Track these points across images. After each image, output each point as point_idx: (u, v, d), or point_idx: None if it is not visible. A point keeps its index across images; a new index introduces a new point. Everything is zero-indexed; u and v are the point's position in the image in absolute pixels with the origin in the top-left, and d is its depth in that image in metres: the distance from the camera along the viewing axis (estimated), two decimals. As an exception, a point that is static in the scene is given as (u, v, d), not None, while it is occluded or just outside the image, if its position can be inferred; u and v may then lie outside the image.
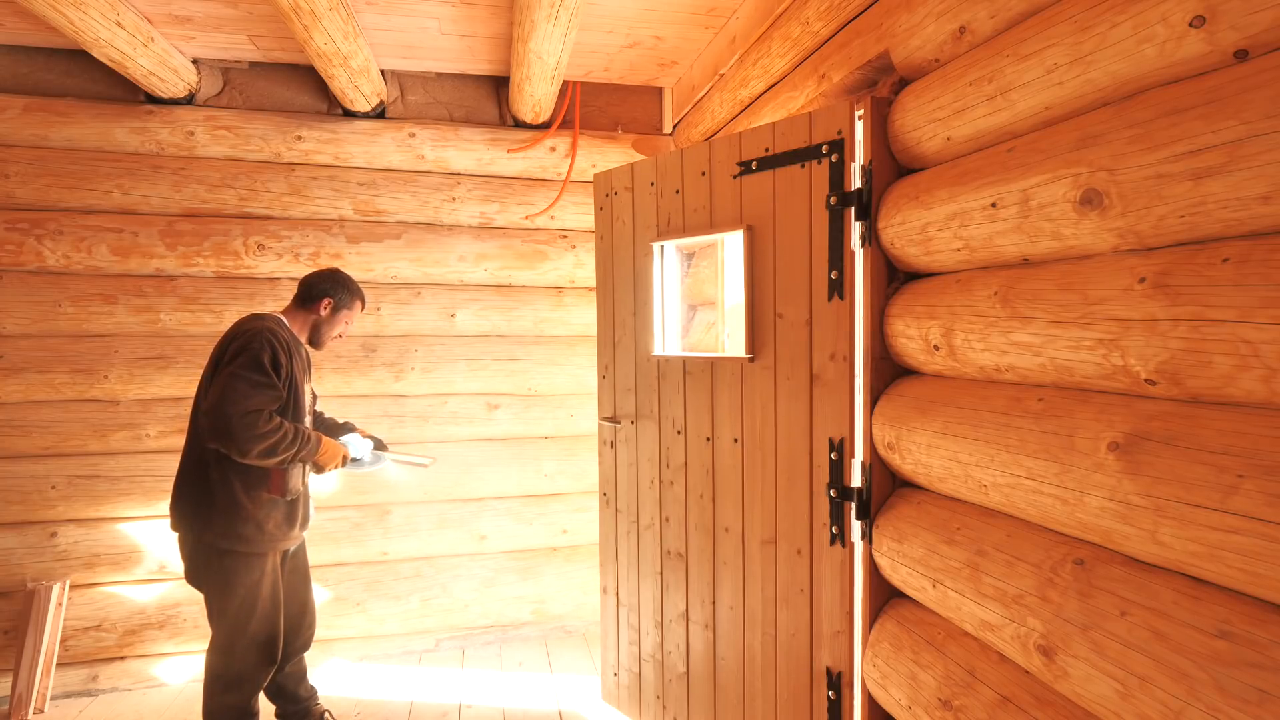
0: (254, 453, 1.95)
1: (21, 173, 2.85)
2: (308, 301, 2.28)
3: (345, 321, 2.35)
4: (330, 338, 2.34)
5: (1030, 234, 1.24)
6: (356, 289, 2.37)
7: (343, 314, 2.33)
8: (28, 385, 2.88)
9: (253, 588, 2.10)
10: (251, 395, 1.95)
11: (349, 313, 2.35)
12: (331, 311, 2.30)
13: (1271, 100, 0.85)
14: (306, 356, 2.32)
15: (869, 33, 1.77)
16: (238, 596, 2.08)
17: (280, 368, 2.05)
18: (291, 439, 2.04)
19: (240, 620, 2.09)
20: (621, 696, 2.66)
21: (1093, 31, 1.09)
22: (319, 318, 2.30)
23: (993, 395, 1.37)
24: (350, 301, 2.34)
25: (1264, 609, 0.87)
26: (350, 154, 3.14)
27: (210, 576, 2.09)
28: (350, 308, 2.34)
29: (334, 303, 2.29)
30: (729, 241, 2.92)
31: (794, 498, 1.96)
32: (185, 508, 2.09)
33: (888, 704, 1.65)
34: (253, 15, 2.60)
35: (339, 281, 2.32)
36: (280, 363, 2.05)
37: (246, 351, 2.00)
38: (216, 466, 2.05)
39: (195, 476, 2.08)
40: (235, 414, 1.91)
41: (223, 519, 2.04)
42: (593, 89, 3.42)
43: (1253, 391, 0.89)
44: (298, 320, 2.29)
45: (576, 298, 3.42)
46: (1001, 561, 1.30)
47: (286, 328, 2.21)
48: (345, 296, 2.32)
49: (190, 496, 2.08)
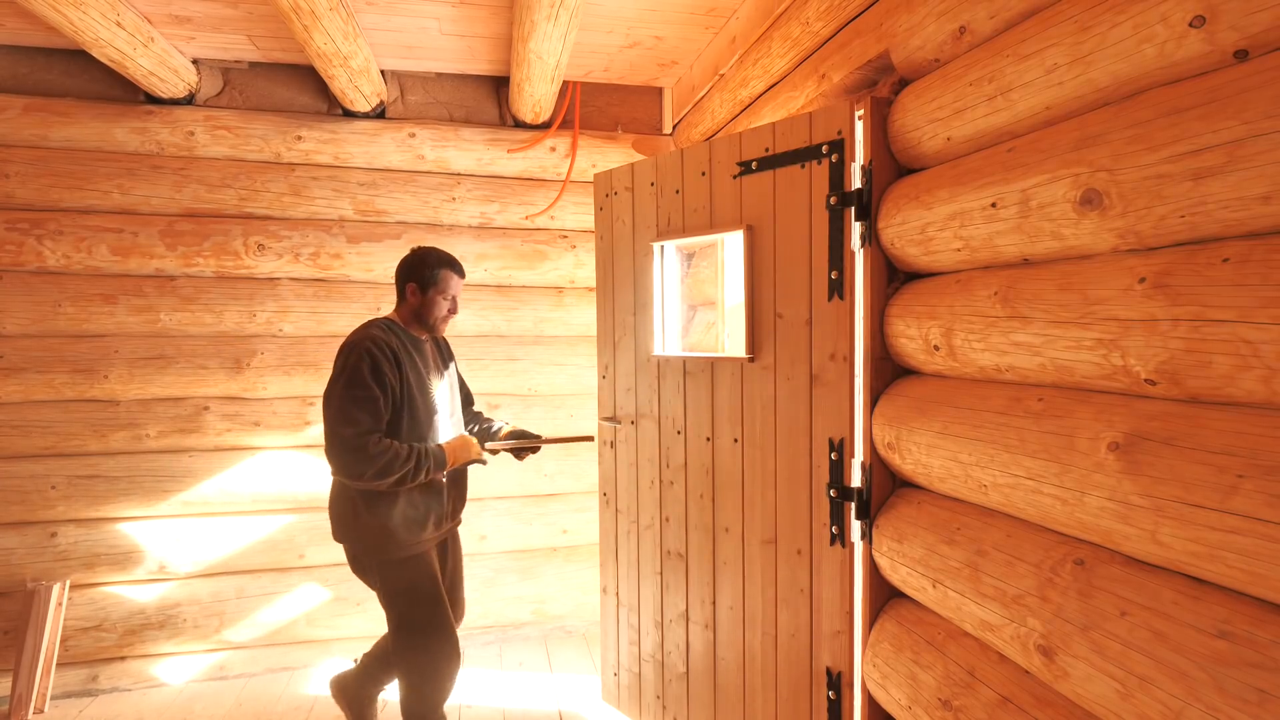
0: (365, 478, 1.92)
1: (21, 173, 2.85)
2: (400, 295, 2.19)
3: (444, 295, 2.16)
4: (439, 319, 2.17)
5: (1030, 234, 1.24)
6: (438, 258, 2.16)
7: (433, 291, 2.14)
8: (28, 385, 2.88)
9: (413, 589, 2.09)
10: (355, 417, 1.91)
11: (443, 285, 2.16)
12: (421, 293, 2.14)
13: (1271, 100, 0.85)
14: (436, 350, 2.26)
15: (869, 33, 1.77)
16: (403, 600, 2.07)
17: (383, 376, 1.97)
18: (404, 459, 1.96)
19: (414, 623, 2.08)
20: (621, 696, 2.66)
21: (1093, 32, 1.09)
22: (414, 305, 2.16)
23: (993, 395, 1.37)
24: (435, 275, 2.14)
25: (1264, 609, 0.87)
26: (350, 154, 3.14)
27: (374, 585, 2.10)
28: (438, 282, 2.15)
29: (418, 284, 2.14)
30: (729, 241, 2.92)
31: (794, 498, 1.96)
32: (333, 520, 2.11)
33: (888, 704, 1.65)
34: (253, 15, 2.60)
35: (417, 260, 2.16)
36: (383, 371, 1.97)
37: (345, 369, 1.96)
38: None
39: (337, 490, 2.09)
40: (340, 441, 1.90)
41: (364, 530, 2.03)
42: (593, 89, 3.42)
43: (1253, 391, 0.89)
44: (403, 316, 2.18)
45: (576, 298, 3.42)
46: (1001, 561, 1.30)
47: (398, 329, 2.13)
48: (428, 272, 2.14)
49: (335, 510, 2.09)
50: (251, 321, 3.07)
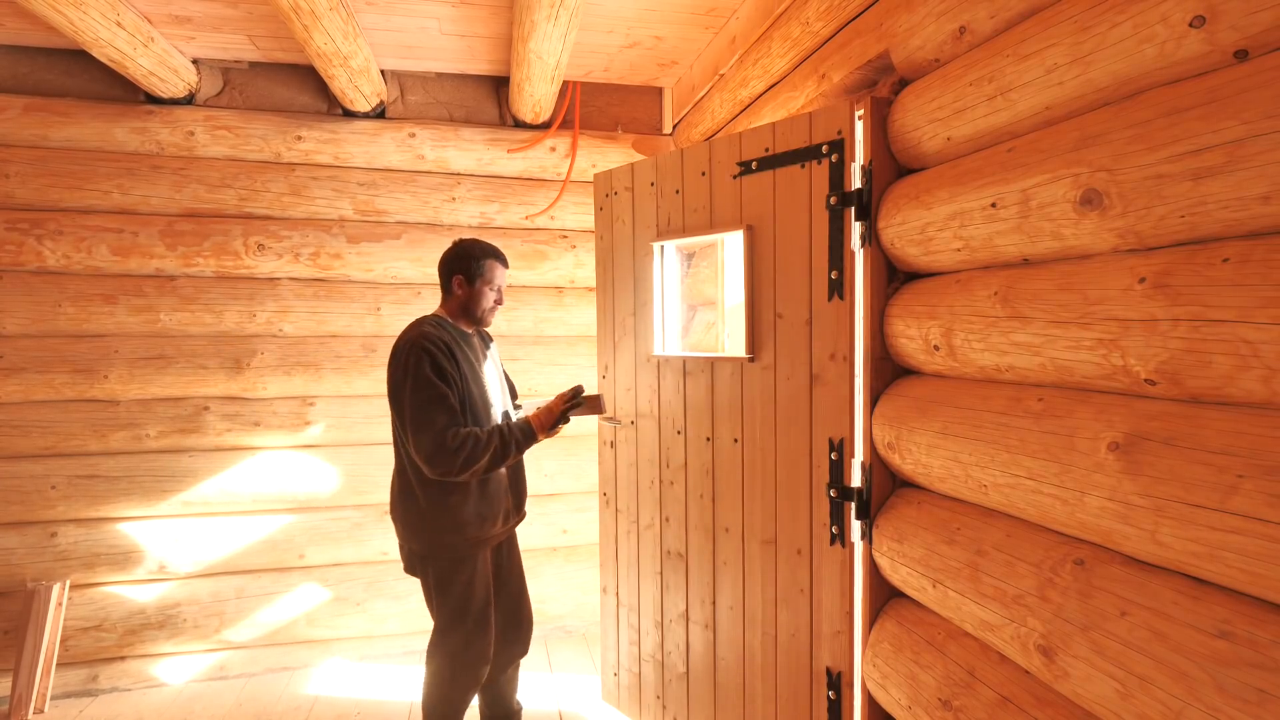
0: (456, 471, 1.93)
1: (21, 173, 2.85)
2: (446, 291, 2.17)
3: (490, 286, 2.16)
4: (486, 310, 2.17)
5: (1030, 234, 1.24)
6: (483, 249, 2.16)
7: (479, 282, 2.14)
8: (28, 385, 2.88)
9: (469, 587, 2.10)
10: (430, 417, 1.92)
11: (489, 275, 2.15)
12: (468, 285, 2.14)
13: (1271, 100, 0.85)
14: (482, 345, 2.26)
15: (869, 33, 1.77)
16: (455, 598, 2.09)
17: (444, 371, 1.97)
18: (486, 442, 1.97)
19: (460, 622, 2.09)
20: (621, 696, 2.66)
21: (1093, 32, 1.09)
22: (461, 298, 2.15)
23: (993, 395, 1.37)
24: (481, 266, 2.14)
25: (1264, 609, 0.87)
26: (350, 154, 3.14)
27: (428, 580, 2.11)
28: (484, 272, 2.14)
29: (464, 277, 2.13)
30: (729, 241, 2.92)
31: (794, 498, 1.96)
32: (396, 517, 2.11)
33: (888, 704, 1.65)
34: (253, 15, 2.60)
35: (461, 253, 2.14)
36: (442, 366, 1.97)
37: (407, 372, 1.95)
38: (414, 475, 2.04)
39: (400, 486, 2.09)
40: (421, 447, 1.90)
41: (433, 527, 2.03)
42: (593, 89, 3.42)
43: (1253, 391, 0.89)
44: (451, 311, 2.17)
45: (576, 298, 3.42)
46: (1001, 561, 1.30)
47: (447, 324, 2.12)
48: (472, 264, 2.13)
49: (399, 506, 2.10)
50: (251, 321, 3.07)
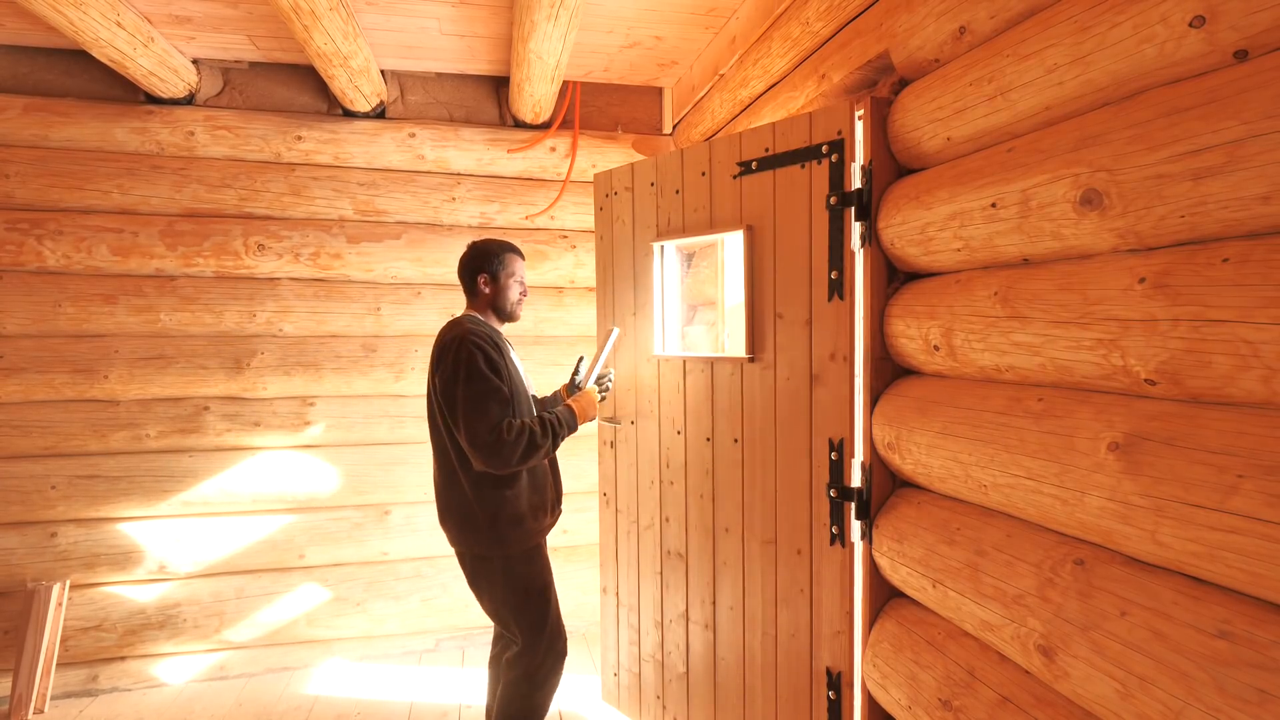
0: (514, 463, 1.92)
1: (21, 173, 2.85)
2: (472, 292, 2.15)
3: (514, 279, 2.16)
4: (514, 302, 2.17)
5: (1030, 234, 1.24)
6: (500, 245, 2.16)
7: (503, 276, 2.13)
8: (28, 385, 2.88)
9: (545, 587, 2.09)
10: (486, 411, 1.90)
11: (511, 268, 2.15)
12: (494, 282, 2.13)
13: (1271, 100, 0.85)
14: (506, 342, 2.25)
15: (869, 33, 1.77)
16: (535, 599, 2.06)
17: (495, 365, 1.97)
18: (541, 432, 1.97)
19: (544, 622, 2.07)
20: (621, 696, 2.66)
21: (1092, 32, 1.09)
22: (489, 295, 2.14)
23: (993, 395, 1.37)
24: (501, 260, 2.13)
25: (1264, 609, 0.87)
26: (350, 154, 3.14)
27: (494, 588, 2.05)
28: (507, 266, 2.14)
29: (489, 275, 2.12)
30: (729, 241, 2.92)
31: (794, 498, 1.96)
32: (452, 524, 2.05)
33: (888, 704, 1.65)
34: (253, 15, 2.60)
35: (480, 253, 2.13)
36: (493, 360, 1.97)
37: (459, 367, 1.93)
38: (465, 476, 2.00)
39: (451, 491, 2.04)
40: (479, 442, 1.88)
41: (493, 526, 2.00)
42: (593, 89, 3.42)
43: (1253, 391, 0.89)
44: (480, 311, 2.15)
45: (576, 298, 3.42)
46: (1001, 561, 1.30)
47: (482, 323, 2.09)
48: (494, 261, 2.13)
49: (455, 511, 2.04)
50: (251, 321, 3.07)
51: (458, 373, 1.93)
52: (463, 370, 1.92)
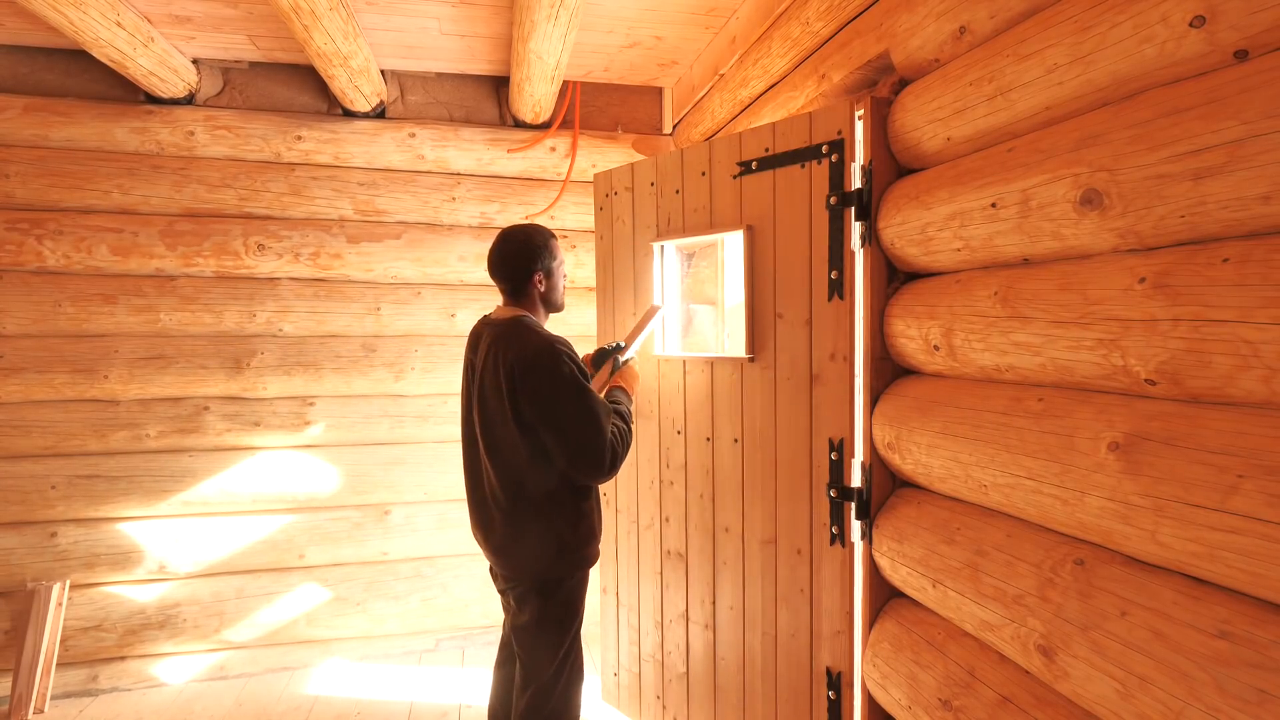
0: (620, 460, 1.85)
1: (21, 173, 2.85)
2: (522, 292, 1.97)
3: (560, 270, 2.04)
4: (562, 294, 2.07)
5: (1030, 234, 1.24)
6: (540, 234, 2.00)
7: (554, 265, 2.02)
8: (28, 385, 2.88)
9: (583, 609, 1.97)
10: (600, 422, 1.80)
11: (559, 256, 2.04)
12: (548, 277, 2.00)
13: (1271, 100, 0.85)
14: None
15: (869, 33, 1.77)
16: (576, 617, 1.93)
17: (582, 369, 1.86)
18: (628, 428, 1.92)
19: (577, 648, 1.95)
20: (621, 696, 2.66)
21: (1093, 31, 1.09)
22: (543, 292, 2.00)
23: (993, 395, 1.37)
24: (551, 252, 2.00)
25: (1264, 609, 0.87)
26: (350, 154, 3.14)
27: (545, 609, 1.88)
28: (556, 255, 2.02)
29: (543, 271, 1.98)
30: (729, 241, 2.91)
31: (794, 498, 1.96)
32: (521, 552, 1.86)
33: (888, 704, 1.65)
34: (253, 15, 2.60)
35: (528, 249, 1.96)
36: (577, 361, 1.87)
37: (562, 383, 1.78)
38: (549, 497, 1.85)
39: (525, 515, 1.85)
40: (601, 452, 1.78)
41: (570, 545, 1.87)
42: (593, 89, 3.42)
43: (1253, 391, 0.89)
44: (532, 310, 1.99)
45: (576, 298, 3.41)
46: (1001, 561, 1.30)
47: (543, 328, 1.96)
48: (544, 255, 1.98)
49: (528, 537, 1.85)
50: (251, 321, 3.07)
51: (559, 389, 1.78)
52: (565, 386, 1.78)
